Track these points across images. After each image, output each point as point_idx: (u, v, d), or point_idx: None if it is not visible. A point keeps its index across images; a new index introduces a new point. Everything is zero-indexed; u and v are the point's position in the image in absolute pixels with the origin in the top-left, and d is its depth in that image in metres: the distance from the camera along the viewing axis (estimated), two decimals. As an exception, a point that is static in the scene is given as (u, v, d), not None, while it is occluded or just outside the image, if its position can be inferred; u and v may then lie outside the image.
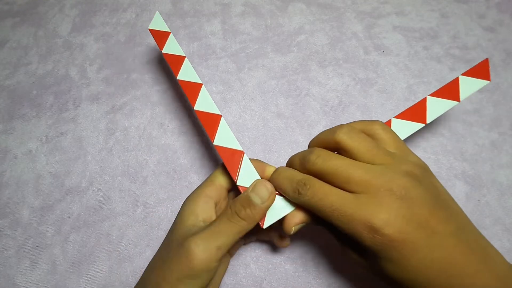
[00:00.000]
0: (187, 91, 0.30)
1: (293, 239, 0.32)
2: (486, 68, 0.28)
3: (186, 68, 0.31)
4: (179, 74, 0.31)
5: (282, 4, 0.45)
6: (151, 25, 0.34)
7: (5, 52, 0.42)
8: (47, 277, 0.31)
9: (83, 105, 0.39)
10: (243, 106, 0.38)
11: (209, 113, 0.28)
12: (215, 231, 0.22)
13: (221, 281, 0.31)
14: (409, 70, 0.40)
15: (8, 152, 0.37)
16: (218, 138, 0.27)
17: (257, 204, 0.22)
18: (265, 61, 0.41)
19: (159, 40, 0.33)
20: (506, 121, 0.37)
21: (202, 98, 0.29)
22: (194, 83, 0.30)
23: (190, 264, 0.21)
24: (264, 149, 0.36)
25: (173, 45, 0.32)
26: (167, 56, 0.32)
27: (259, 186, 0.23)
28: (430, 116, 0.27)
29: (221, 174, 0.26)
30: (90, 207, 0.34)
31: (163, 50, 0.32)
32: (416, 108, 0.27)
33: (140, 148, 0.36)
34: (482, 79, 0.28)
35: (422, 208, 0.19)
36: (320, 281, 0.31)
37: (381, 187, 0.19)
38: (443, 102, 0.27)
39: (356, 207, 0.19)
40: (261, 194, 0.22)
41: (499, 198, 0.34)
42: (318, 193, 0.20)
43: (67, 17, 0.44)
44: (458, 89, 0.28)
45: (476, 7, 0.44)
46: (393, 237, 0.18)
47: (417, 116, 0.27)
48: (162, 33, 0.33)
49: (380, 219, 0.18)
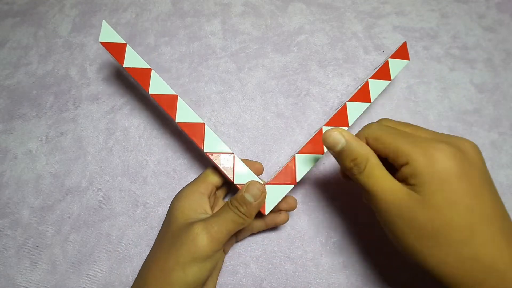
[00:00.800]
0: (164, 105, 0.29)
1: (292, 239, 0.32)
2: (405, 50, 0.35)
3: (155, 80, 0.30)
4: (150, 88, 0.30)
5: (282, 4, 0.45)
6: (101, 37, 0.31)
7: (5, 52, 0.42)
8: (47, 277, 0.31)
9: (83, 105, 0.39)
10: (243, 106, 0.38)
11: (192, 123, 0.29)
12: (220, 217, 0.25)
13: (219, 282, 0.31)
14: (409, 70, 0.40)
15: (8, 152, 0.37)
16: (207, 145, 0.28)
17: (251, 202, 0.25)
18: (265, 61, 0.41)
19: (116, 54, 0.30)
20: (506, 121, 0.37)
21: (181, 109, 0.29)
22: (169, 96, 0.30)
23: (200, 246, 0.23)
24: (264, 149, 0.36)
25: (133, 57, 0.30)
26: (131, 71, 0.30)
27: (251, 187, 0.26)
28: (373, 95, 0.32)
29: (212, 174, 0.29)
30: (90, 207, 0.34)
31: (124, 64, 0.30)
32: (362, 91, 0.32)
33: (140, 148, 0.36)
34: (404, 59, 0.34)
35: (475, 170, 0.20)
36: (320, 281, 0.31)
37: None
38: (380, 83, 0.33)
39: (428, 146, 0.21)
40: (254, 193, 0.25)
41: (499, 198, 0.34)
42: (370, 176, 0.22)
43: (67, 17, 0.44)
44: (389, 71, 0.33)
45: (476, 7, 0.44)
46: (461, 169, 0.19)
47: (364, 97, 0.32)
48: (117, 45, 0.30)
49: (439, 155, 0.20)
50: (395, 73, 0.33)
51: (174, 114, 0.29)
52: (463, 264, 0.19)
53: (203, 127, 0.29)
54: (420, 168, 0.20)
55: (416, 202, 0.20)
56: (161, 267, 0.24)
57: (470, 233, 0.19)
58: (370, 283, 0.31)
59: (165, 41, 0.42)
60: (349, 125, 0.31)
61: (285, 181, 0.28)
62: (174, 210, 0.27)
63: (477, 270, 0.19)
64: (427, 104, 0.38)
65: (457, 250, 0.19)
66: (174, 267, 0.24)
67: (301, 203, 0.34)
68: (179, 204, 0.27)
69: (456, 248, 0.19)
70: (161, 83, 0.30)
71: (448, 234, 0.19)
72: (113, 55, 0.31)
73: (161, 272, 0.24)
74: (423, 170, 0.20)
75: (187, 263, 0.23)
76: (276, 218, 0.31)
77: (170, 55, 0.41)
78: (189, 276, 0.23)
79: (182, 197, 0.27)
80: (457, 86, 0.39)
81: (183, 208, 0.27)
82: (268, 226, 0.31)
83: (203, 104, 0.38)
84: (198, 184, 0.28)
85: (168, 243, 0.25)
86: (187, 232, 0.24)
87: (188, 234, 0.24)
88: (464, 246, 0.19)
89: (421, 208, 0.20)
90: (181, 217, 0.26)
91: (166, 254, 0.25)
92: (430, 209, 0.19)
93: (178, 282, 0.23)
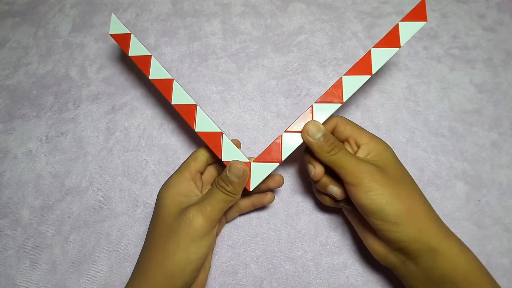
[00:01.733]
0: (161, 88, 0.31)
1: (292, 239, 0.32)
2: (423, 9, 0.29)
3: (155, 66, 0.32)
4: (150, 74, 0.32)
5: (282, 4, 0.45)
6: (111, 30, 0.33)
7: (5, 52, 0.42)
8: (47, 277, 0.31)
9: (83, 105, 0.39)
10: (243, 106, 0.38)
11: (185, 105, 0.31)
12: (211, 198, 0.27)
13: (219, 282, 0.31)
14: (409, 70, 0.40)
15: (8, 152, 0.37)
16: (198, 125, 0.30)
17: (235, 181, 0.27)
18: (265, 61, 0.41)
19: (123, 44, 0.33)
20: (506, 121, 0.37)
21: (177, 92, 0.31)
22: (166, 80, 0.31)
23: (197, 227, 0.25)
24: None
25: (137, 46, 0.33)
26: (135, 59, 0.32)
27: (233, 167, 0.27)
28: (375, 66, 0.29)
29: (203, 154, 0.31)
30: (90, 207, 0.34)
31: (129, 53, 0.32)
32: (362, 62, 0.29)
33: (140, 148, 0.36)
34: (420, 21, 0.29)
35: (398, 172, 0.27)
36: (320, 281, 0.31)
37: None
38: (386, 51, 0.29)
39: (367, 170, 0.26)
40: (236, 173, 0.27)
41: (499, 198, 0.34)
42: (345, 154, 0.27)
43: (67, 17, 0.44)
44: (399, 36, 0.29)
45: (476, 7, 0.44)
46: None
47: (364, 69, 0.29)
48: (123, 36, 0.33)
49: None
50: (407, 38, 0.29)
51: (170, 97, 0.31)
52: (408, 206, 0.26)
53: (195, 108, 0.30)
54: (377, 147, 0.28)
55: (378, 168, 0.26)
56: (162, 252, 0.26)
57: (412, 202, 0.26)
58: (370, 283, 0.31)
59: (165, 41, 0.42)
60: (343, 101, 0.29)
61: (271, 159, 0.29)
62: (163, 200, 0.28)
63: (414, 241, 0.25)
64: (427, 104, 0.38)
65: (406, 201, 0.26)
66: (175, 250, 0.25)
67: (301, 203, 0.34)
68: (169, 193, 0.28)
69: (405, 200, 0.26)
70: (159, 68, 0.32)
71: (399, 187, 0.26)
72: (121, 46, 0.33)
73: (163, 257, 0.25)
74: (378, 148, 0.28)
75: (187, 244, 0.25)
76: (262, 198, 0.32)
77: (170, 55, 0.41)
78: (191, 255, 0.25)
79: (170, 186, 0.28)
80: (457, 86, 0.39)
81: (174, 196, 0.28)
82: (255, 206, 0.32)
83: (203, 104, 0.38)
84: (182, 172, 0.29)
85: (165, 231, 0.26)
86: (183, 217, 0.26)
87: (184, 218, 0.26)
88: (412, 202, 0.26)
89: (382, 171, 0.26)
90: (173, 205, 0.27)
91: (164, 240, 0.26)
92: (387, 173, 0.26)
93: (181, 262, 0.25)
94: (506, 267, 0.31)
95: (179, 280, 0.25)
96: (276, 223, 0.33)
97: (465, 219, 0.33)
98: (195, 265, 0.26)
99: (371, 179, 0.25)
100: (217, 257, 0.32)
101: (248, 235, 0.33)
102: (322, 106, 0.29)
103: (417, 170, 0.35)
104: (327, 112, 0.29)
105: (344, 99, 0.29)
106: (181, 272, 0.25)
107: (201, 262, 0.26)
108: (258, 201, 0.32)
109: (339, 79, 0.29)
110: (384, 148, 0.28)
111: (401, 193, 0.26)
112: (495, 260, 0.31)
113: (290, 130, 0.29)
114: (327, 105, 0.29)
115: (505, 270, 0.31)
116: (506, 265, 0.31)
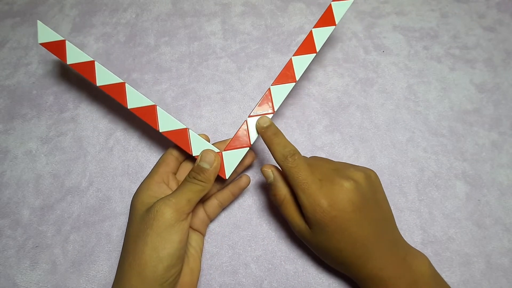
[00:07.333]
0: (113, 94, 0.30)
1: (292, 239, 0.32)
2: None
3: (101, 71, 0.30)
4: (97, 80, 0.30)
5: (282, 4, 0.45)
6: (40, 38, 0.31)
7: (5, 52, 0.42)
8: (47, 277, 0.31)
9: (83, 105, 0.39)
10: (243, 106, 0.38)
11: (144, 107, 0.30)
12: (177, 191, 0.27)
13: (219, 282, 0.31)
14: (409, 70, 0.40)
15: (8, 152, 0.37)
16: (162, 126, 0.30)
17: (207, 168, 0.27)
18: (265, 61, 0.41)
19: (58, 53, 0.30)
20: (506, 121, 0.37)
21: (131, 96, 0.30)
22: (116, 84, 0.30)
23: (162, 220, 0.25)
24: (264, 149, 0.36)
25: (75, 52, 0.30)
26: (76, 66, 0.30)
27: (205, 154, 0.28)
28: (318, 45, 0.32)
29: (172, 153, 0.31)
30: (90, 207, 0.34)
31: (67, 61, 0.30)
32: (306, 42, 0.32)
33: (140, 148, 0.37)
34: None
35: (361, 198, 0.26)
36: (320, 281, 0.31)
37: (337, 182, 0.26)
38: (325, 30, 0.32)
39: (318, 189, 0.26)
40: (208, 160, 0.27)
41: (499, 198, 0.34)
42: (300, 166, 0.27)
43: (67, 17, 0.44)
44: (333, 15, 0.33)
45: (476, 7, 0.44)
46: (333, 214, 0.25)
47: (310, 49, 0.32)
48: (57, 43, 0.31)
49: (330, 200, 0.26)
50: (340, 16, 0.32)
51: (125, 102, 0.30)
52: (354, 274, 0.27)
53: (155, 109, 0.30)
54: (308, 214, 0.26)
55: (311, 233, 0.27)
56: (132, 255, 0.25)
57: (357, 250, 0.26)
58: (370, 283, 0.31)
59: (165, 41, 0.42)
60: (296, 79, 0.31)
61: (241, 145, 0.30)
62: (133, 204, 0.28)
63: (364, 279, 0.26)
64: (427, 104, 0.38)
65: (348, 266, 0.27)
66: (143, 248, 0.24)
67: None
68: (138, 197, 0.28)
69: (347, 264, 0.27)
70: (106, 73, 0.30)
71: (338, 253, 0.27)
72: (55, 54, 0.31)
73: (133, 258, 0.25)
74: (310, 215, 0.26)
75: (155, 240, 0.24)
76: (239, 183, 0.32)
77: (170, 55, 0.41)
78: (160, 252, 0.24)
79: (140, 191, 0.28)
80: (457, 86, 0.39)
81: (143, 199, 0.27)
82: (235, 194, 0.32)
83: (203, 104, 0.38)
84: (152, 176, 0.29)
85: (135, 232, 0.26)
86: (149, 214, 0.25)
87: (149, 214, 0.25)
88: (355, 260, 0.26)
89: (313, 237, 0.27)
90: (141, 206, 0.27)
91: (133, 241, 0.25)
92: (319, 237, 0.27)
93: (152, 260, 0.24)
94: (506, 267, 0.31)
95: (153, 281, 0.24)
96: (276, 223, 0.33)
97: (465, 219, 0.33)
98: (167, 263, 0.24)
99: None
100: (217, 257, 0.32)
101: (248, 235, 0.33)
102: (279, 87, 0.31)
103: (417, 170, 0.35)
104: (284, 92, 0.31)
105: (296, 78, 0.31)
106: (153, 273, 0.24)
107: (173, 260, 0.25)
108: (236, 188, 0.32)
109: (289, 61, 0.31)
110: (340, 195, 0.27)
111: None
112: (495, 260, 0.31)
113: (254, 115, 0.30)
114: (283, 85, 0.31)
115: (505, 270, 0.31)
116: (506, 265, 0.31)
